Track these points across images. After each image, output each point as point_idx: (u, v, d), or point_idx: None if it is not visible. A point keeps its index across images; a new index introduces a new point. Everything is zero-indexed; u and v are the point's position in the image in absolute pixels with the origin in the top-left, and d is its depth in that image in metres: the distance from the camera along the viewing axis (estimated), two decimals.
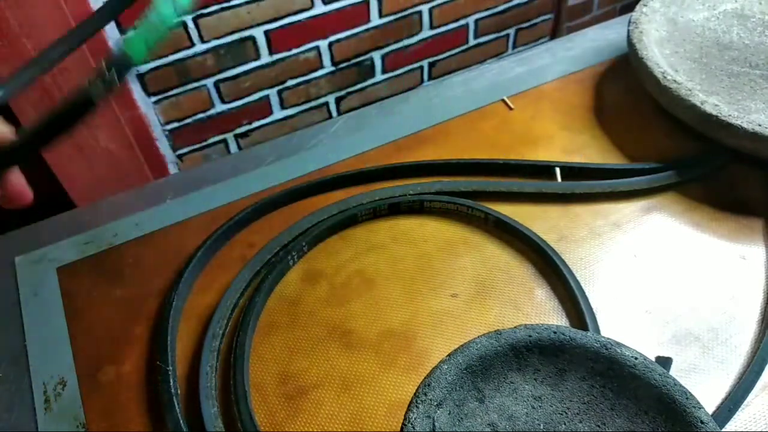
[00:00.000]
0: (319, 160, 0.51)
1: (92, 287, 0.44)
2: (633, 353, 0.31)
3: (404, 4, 1.12)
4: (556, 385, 0.31)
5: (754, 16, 0.54)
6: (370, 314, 0.41)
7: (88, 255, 0.46)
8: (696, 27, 0.54)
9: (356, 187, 0.48)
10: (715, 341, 0.38)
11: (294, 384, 0.38)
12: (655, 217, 0.45)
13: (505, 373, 0.31)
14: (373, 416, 0.36)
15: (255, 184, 0.50)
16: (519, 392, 0.31)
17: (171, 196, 0.50)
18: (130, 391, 0.39)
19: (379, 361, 0.39)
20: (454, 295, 0.42)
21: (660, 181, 0.46)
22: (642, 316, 0.40)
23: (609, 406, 0.31)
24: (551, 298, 0.41)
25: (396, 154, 0.51)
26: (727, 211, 0.45)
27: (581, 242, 0.44)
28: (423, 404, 0.29)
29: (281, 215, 0.47)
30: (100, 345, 0.41)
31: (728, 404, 0.35)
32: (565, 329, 0.32)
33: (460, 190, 0.47)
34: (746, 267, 0.42)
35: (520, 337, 0.31)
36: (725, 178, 0.47)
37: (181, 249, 0.45)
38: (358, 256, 0.44)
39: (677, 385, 0.29)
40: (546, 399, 0.31)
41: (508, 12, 1.27)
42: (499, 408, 0.31)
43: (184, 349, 0.40)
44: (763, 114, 0.46)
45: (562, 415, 0.31)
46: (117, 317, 0.42)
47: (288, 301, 0.42)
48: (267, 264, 0.43)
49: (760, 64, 0.50)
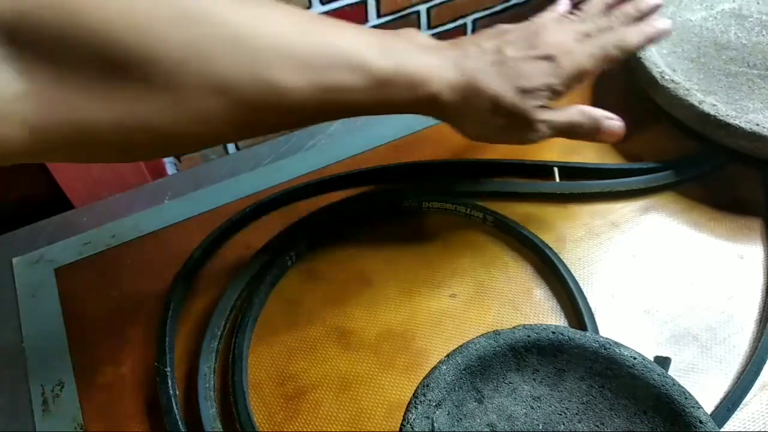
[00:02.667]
0: (318, 161, 0.51)
1: (90, 288, 0.44)
2: (632, 353, 0.31)
3: (402, 4, 1.12)
4: (555, 385, 0.31)
5: (751, 16, 0.54)
6: (368, 315, 0.41)
7: (87, 256, 0.46)
8: (694, 27, 0.54)
9: (354, 188, 0.48)
10: (713, 341, 0.38)
11: (293, 384, 0.38)
12: (654, 216, 0.45)
13: (503, 374, 0.31)
14: (372, 417, 0.36)
15: (253, 185, 0.50)
16: (518, 392, 0.31)
17: (169, 197, 0.50)
18: (129, 392, 0.38)
19: (378, 362, 0.39)
20: (453, 295, 0.42)
21: (658, 181, 0.46)
22: (640, 315, 0.40)
23: (608, 406, 0.31)
24: (550, 298, 0.41)
25: (394, 155, 0.51)
26: (726, 211, 0.45)
27: (579, 242, 0.44)
28: (422, 405, 0.29)
29: (280, 216, 0.47)
30: (99, 346, 0.41)
31: (727, 404, 0.35)
32: (563, 329, 0.32)
33: (459, 191, 0.47)
34: (744, 266, 0.42)
35: (519, 337, 0.31)
36: (723, 178, 0.47)
37: (180, 250, 0.45)
38: (356, 256, 0.44)
39: (676, 384, 0.29)
40: (545, 399, 0.31)
41: (507, 12, 1.27)
42: (498, 408, 0.31)
43: (183, 350, 0.40)
44: (760, 113, 0.46)
45: (561, 415, 0.31)
46: (115, 318, 0.42)
47: (286, 301, 0.42)
48: (265, 265, 0.43)
49: (758, 63, 0.50)
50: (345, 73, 0.32)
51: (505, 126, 0.37)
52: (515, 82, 0.35)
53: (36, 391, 0.39)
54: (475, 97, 0.35)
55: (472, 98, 0.35)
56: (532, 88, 0.36)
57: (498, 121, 0.36)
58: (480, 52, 0.36)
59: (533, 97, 0.36)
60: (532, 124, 0.37)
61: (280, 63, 0.30)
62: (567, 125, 0.38)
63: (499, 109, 0.36)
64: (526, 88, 0.35)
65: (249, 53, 0.29)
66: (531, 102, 0.36)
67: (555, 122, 0.37)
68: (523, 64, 0.36)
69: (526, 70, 0.36)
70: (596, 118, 0.39)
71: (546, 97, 0.36)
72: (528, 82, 0.35)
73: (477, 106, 0.36)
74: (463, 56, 0.35)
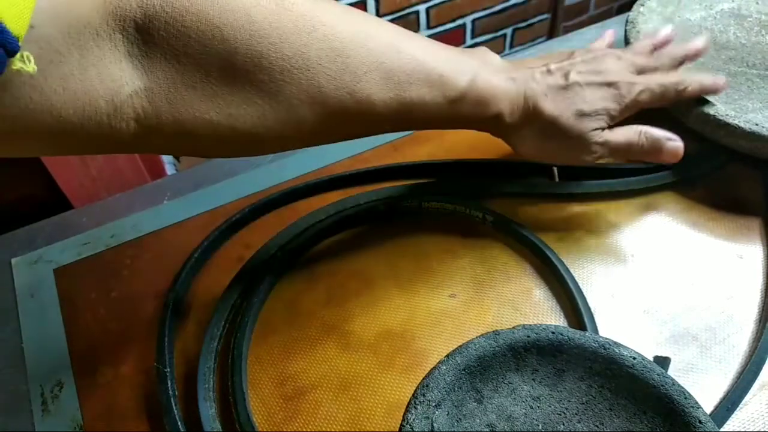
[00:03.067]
0: (316, 161, 0.51)
1: (90, 288, 0.44)
2: (631, 353, 0.31)
3: (402, 4, 1.12)
4: (555, 385, 0.31)
5: (750, 16, 0.54)
6: (368, 315, 0.41)
7: (86, 256, 0.46)
8: (693, 27, 0.54)
9: (354, 188, 0.48)
10: (713, 340, 0.38)
11: (292, 385, 0.38)
12: (653, 216, 0.45)
13: (503, 374, 0.31)
14: (372, 417, 0.36)
15: (252, 185, 0.50)
16: (517, 393, 0.31)
17: (168, 197, 0.50)
18: (128, 392, 0.38)
19: (378, 362, 0.39)
20: (453, 295, 0.42)
21: (657, 181, 0.46)
22: (640, 315, 0.40)
23: (607, 406, 0.31)
24: (549, 298, 0.41)
25: (393, 155, 0.51)
26: (725, 211, 0.45)
27: (579, 242, 0.44)
28: (421, 405, 0.29)
29: (279, 216, 0.47)
30: (98, 346, 0.41)
31: (726, 404, 0.35)
32: (563, 329, 0.32)
33: (458, 191, 0.47)
34: (744, 266, 0.42)
35: (519, 337, 0.31)
36: (723, 178, 0.47)
37: (179, 250, 0.45)
38: (355, 256, 0.44)
39: (675, 384, 0.29)
40: (544, 399, 0.31)
41: (505, 12, 1.27)
42: (497, 408, 0.31)
43: (182, 351, 0.40)
44: (760, 113, 0.46)
45: (560, 416, 0.31)
46: (115, 319, 0.42)
47: (286, 302, 0.42)
48: (265, 265, 0.43)
49: (757, 63, 0.50)
50: (424, 88, 0.33)
51: (561, 147, 0.38)
52: (576, 105, 0.37)
53: (35, 391, 0.39)
54: (535, 118, 0.37)
55: (531, 119, 0.37)
56: (591, 112, 0.37)
57: (555, 142, 0.38)
58: (545, 75, 0.37)
59: (590, 120, 0.37)
60: (589, 145, 0.38)
61: (373, 78, 0.31)
62: (624, 145, 0.39)
63: (557, 132, 0.37)
64: (585, 112, 0.37)
65: (347, 67, 0.30)
66: (588, 124, 0.37)
67: (611, 143, 0.39)
68: (586, 90, 0.37)
69: (587, 95, 0.37)
70: (658, 138, 0.40)
71: (603, 121, 0.38)
72: (588, 106, 0.37)
73: (536, 127, 0.37)
74: (530, 79, 0.37)
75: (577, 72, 0.38)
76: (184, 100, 0.28)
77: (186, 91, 0.27)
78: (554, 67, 0.38)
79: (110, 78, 0.26)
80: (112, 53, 0.26)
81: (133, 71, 0.26)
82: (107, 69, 0.26)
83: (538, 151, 0.39)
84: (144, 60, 0.27)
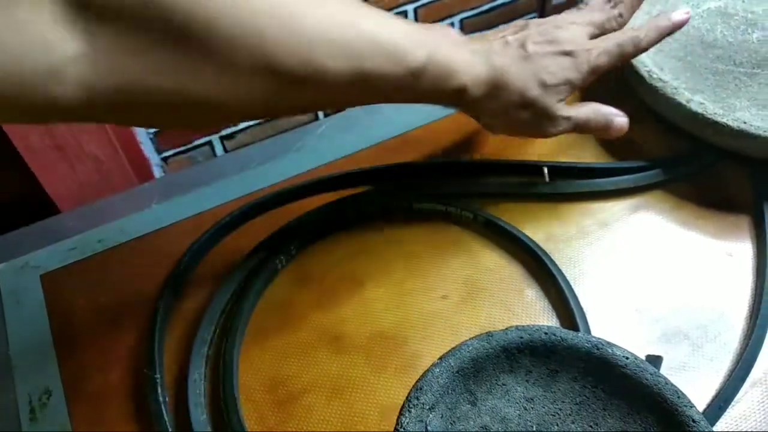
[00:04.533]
0: (306, 163, 0.51)
1: (77, 294, 0.43)
2: (624, 353, 0.31)
3: (389, 4, 1.12)
4: (548, 386, 0.31)
5: (737, 14, 0.55)
6: (360, 317, 0.41)
7: (73, 261, 0.46)
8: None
9: (344, 190, 0.48)
10: (704, 339, 0.38)
11: (284, 389, 0.38)
12: (643, 215, 0.45)
13: (496, 375, 0.31)
14: (365, 420, 0.36)
15: (242, 187, 0.49)
16: (511, 394, 0.31)
17: (157, 201, 0.50)
18: (118, 399, 0.38)
19: (370, 365, 0.38)
20: (445, 296, 0.41)
21: (647, 180, 0.46)
22: (632, 314, 0.40)
23: (601, 407, 0.31)
24: (541, 298, 0.41)
25: (384, 156, 0.50)
26: (714, 209, 0.45)
27: (570, 241, 0.44)
28: (415, 408, 0.29)
29: (269, 218, 0.47)
30: (87, 353, 0.40)
31: (718, 402, 0.35)
32: (556, 330, 0.32)
33: (449, 191, 0.47)
34: (733, 264, 0.42)
35: (512, 338, 0.31)
36: (712, 177, 0.47)
37: (168, 254, 0.44)
38: (347, 258, 0.44)
39: (668, 384, 0.29)
40: (538, 400, 0.31)
41: (494, 11, 1.28)
42: (491, 410, 0.31)
43: (172, 356, 0.40)
44: (747, 112, 0.46)
45: (554, 416, 0.31)
46: (103, 325, 0.42)
47: (277, 305, 0.42)
48: (255, 268, 0.43)
49: (744, 61, 0.51)
50: (382, 60, 0.33)
51: (528, 120, 0.39)
52: (539, 76, 0.37)
53: (23, 399, 0.39)
54: (502, 91, 0.37)
55: (498, 92, 0.37)
56: (555, 83, 0.37)
57: (522, 115, 0.38)
58: (505, 47, 0.37)
59: (555, 92, 0.38)
60: (555, 118, 0.39)
61: (327, 48, 0.31)
62: (584, 121, 0.40)
63: (524, 103, 0.37)
64: (549, 83, 0.37)
65: (300, 36, 0.30)
66: (554, 97, 0.38)
67: (574, 117, 0.40)
68: (546, 60, 0.37)
69: (548, 66, 0.37)
70: (607, 114, 0.41)
71: (566, 92, 0.38)
72: (550, 78, 0.37)
73: (503, 100, 0.37)
74: (491, 51, 0.37)
75: (533, 42, 0.38)
76: (130, 66, 0.27)
77: (129, 57, 0.27)
78: (511, 38, 0.38)
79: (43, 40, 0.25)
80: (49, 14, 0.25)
81: (70, 34, 0.25)
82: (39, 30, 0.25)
83: (504, 124, 0.39)
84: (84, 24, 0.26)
